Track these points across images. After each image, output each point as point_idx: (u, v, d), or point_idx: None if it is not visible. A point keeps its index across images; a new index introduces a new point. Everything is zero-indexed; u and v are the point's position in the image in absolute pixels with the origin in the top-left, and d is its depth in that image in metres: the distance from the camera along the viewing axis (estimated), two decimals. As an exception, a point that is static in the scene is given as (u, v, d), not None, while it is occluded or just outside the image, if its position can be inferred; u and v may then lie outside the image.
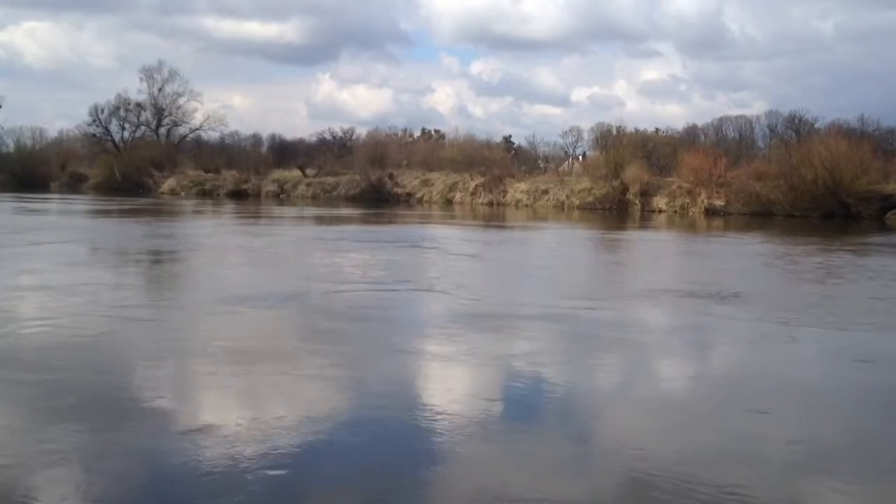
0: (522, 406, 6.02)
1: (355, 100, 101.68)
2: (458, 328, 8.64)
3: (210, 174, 55.92)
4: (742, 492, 4.25)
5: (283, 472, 4.44)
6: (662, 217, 35.84)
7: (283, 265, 15.14)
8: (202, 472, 4.41)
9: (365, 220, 30.67)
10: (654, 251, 20.20)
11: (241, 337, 7.93)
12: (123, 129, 64.62)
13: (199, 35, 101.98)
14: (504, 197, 44.95)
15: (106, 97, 76.64)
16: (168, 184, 55.88)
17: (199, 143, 63.73)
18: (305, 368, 6.89)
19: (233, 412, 5.49)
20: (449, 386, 6.46)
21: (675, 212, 37.55)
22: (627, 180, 39.46)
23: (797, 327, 9.01)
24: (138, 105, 63.23)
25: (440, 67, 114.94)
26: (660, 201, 38.89)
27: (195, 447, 4.75)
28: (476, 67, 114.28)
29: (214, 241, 19.70)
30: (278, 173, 55.03)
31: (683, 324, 9.55)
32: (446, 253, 17.33)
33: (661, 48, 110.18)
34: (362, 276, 13.33)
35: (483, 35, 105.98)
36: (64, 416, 5.30)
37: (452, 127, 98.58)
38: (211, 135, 63.93)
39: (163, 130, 64.57)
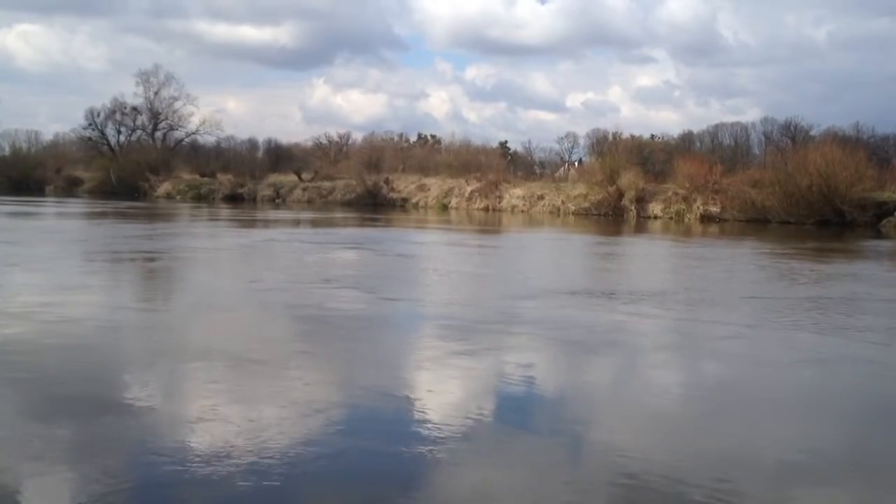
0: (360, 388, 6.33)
1: (350, 104, 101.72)
2: (353, 323, 9.36)
3: (206, 178, 55.79)
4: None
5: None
6: (658, 223, 35.61)
7: (223, 266, 15.38)
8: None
9: (344, 224, 30.46)
10: (603, 255, 20.08)
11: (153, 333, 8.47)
12: (119, 132, 64.58)
13: (193, 39, 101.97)
14: (500, 202, 44.81)
15: (101, 101, 76.68)
16: (164, 188, 55.78)
17: (195, 147, 63.65)
18: (194, 358, 7.16)
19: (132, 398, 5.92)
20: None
21: (671, 218, 37.43)
22: (623, 186, 39.37)
23: (681, 320, 9.99)
24: (134, 109, 63.11)
25: (434, 72, 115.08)
26: (655, 207, 38.78)
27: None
28: (470, 73, 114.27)
29: (174, 243, 19.48)
30: (274, 177, 54.96)
31: (568, 319, 9.93)
32: (385, 255, 17.68)
33: (655, 54, 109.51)
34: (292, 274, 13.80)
35: (477, 40, 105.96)
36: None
37: (447, 132, 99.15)
38: (207, 139, 63.81)
39: (159, 134, 64.28)
